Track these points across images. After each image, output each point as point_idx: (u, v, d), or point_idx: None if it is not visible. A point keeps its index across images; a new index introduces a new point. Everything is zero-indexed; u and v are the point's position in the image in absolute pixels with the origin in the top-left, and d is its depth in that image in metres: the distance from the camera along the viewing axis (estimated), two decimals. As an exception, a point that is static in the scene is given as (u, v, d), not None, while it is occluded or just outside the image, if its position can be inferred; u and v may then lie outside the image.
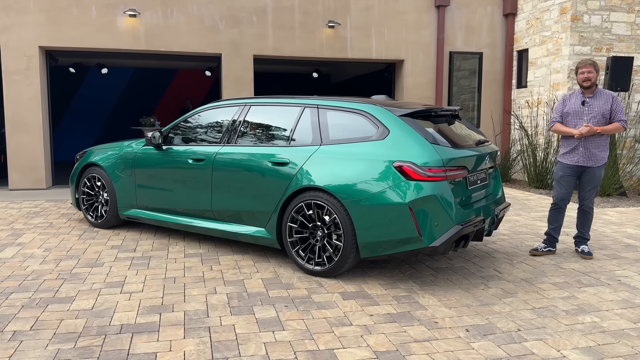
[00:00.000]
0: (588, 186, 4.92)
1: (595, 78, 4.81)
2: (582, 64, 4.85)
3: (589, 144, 4.82)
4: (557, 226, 5.06)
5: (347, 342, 3.11)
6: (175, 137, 5.41)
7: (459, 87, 10.86)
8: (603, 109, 4.78)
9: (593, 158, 4.82)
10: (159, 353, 2.95)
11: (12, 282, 4.11)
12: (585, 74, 4.80)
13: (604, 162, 4.87)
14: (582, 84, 4.84)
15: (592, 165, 4.84)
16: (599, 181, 4.92)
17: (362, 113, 4.34)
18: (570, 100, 4.96)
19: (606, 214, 7.14)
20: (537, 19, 10.05)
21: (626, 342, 3.17)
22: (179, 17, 9.32)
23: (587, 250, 5.02)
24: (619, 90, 8.47)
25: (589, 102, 4.82)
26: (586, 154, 4.83)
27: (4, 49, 8.74)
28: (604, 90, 4.86)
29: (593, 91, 4.84)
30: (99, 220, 5.97)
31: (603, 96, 4.83)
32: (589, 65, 4.80)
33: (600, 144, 4.83)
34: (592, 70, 4.78)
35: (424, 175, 3.88)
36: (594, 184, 4.91)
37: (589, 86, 4.81)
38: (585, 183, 4.93)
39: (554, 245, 5.09)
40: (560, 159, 5.03)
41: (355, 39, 10.08)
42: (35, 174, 9.07)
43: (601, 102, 4.80)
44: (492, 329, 3.34)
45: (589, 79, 4.78)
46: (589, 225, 5.05)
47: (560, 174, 5.00)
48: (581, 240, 5.10)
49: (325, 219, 4.21)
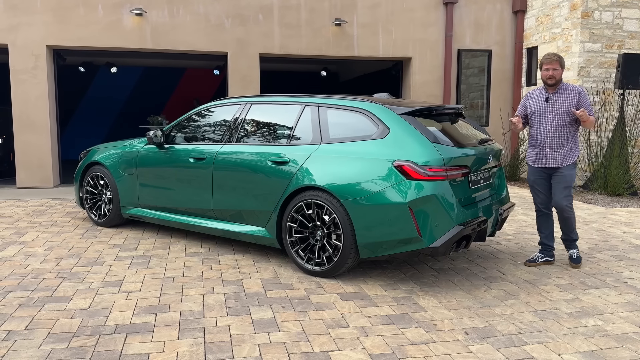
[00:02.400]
0: (559, 187, 4.52)
1: (560, 75, 4.45)
2: (546, 60, 4.46)
3: (555, 143, 4.48)
4: (549, 233, 4.71)
5: (342, 344, 3.06)
6: (176, 136, 5.40)
7: (467, 85, 10.74)
8: (569, 105, 4.44)
9: (561, 158, 4.47)
10: (151, 354, 2.92)
11: (11, 281, 4.12)
12: (550, 71, 4.44)
13: (573, 161, 4.50)
14: (546, 81, 4.49)
15: (560, 165, 4.48)
16: (571, 181, 4.52)
17: (362, 111, 4.28)
18: (533, 98, 4.63)
19: (616, 213, 7.01)
20: (547, 15, 9.91)
21: (630, 346, 3.09)
22: (185, 15, 9.32)
23: (577, 255, 4.67)
24: (630, 87, 8.33)
25: (553, 99, 4.48)
26: (553, 155, 4.49)
27: (11, 48, 8.80)
28: (569, 85, 4.51)
29: (557, 87, 4.50)
30: (102, 219, 5.97)
31: (568, 91, 4.48)
32: (554, 62, 4.43)
33: (568, 142, 4.49)
34: (558, 66, 4.43)
35: (424, 174, 3.82)
36: (566, 184, 4.50)
37: (553, 84, 4.47)
38: (555, 184, 4.54)
39: (551, 255, 4.71)
40: (528, 162, 4.72)
41: (362, 37, 10.01)
42: (43, 172, 9.12)
43: (566, 97, 4.46)
44: (492, 331, 3.27)
45: (553, 76, 4.44)
46: (573, 225, 4.63)
47: (532, 178, 4.69)
48: (569, 243, 4.73)
49: (325, 219, 4.16)
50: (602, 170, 8.51)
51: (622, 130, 8.47)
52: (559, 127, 4.48)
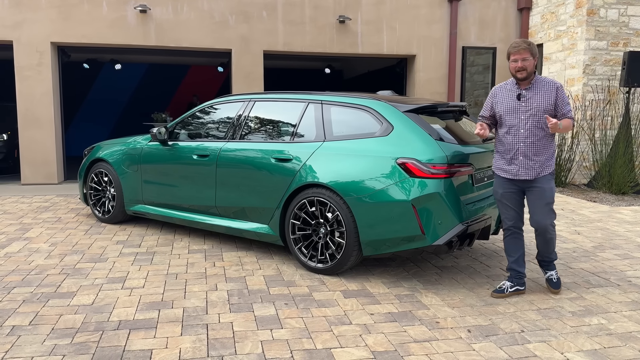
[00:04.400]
0: (539, 205, 3.74)
1: (533, 66, 3.67)
2: (514, 49, 3.68)
3: (529, 150, 3.70)
4: (519, 256, 3.89)
5: (345, 342, 3.07)
6: (180, 132, 5.40)
7: (472, 83, 10.70)
8: (545, 103, 3.66)
9: (538, 168, 3.70)
10: (154, 350, 2.93)
11: (15, 277, 4.14)
12: (519, 62, 3.65)
13: (551, 171, 3.75)
14: (515, 75, 3.71)
15: (536, 176, 3.72)
16: (552, 196, 3.75)
17: (366, 109, 4.28)
18: (501, 95, 3.81)
19: (620, 212, 6.98)
20: (552, 13, 9.86)
21: (633, 345, 3.08)
22: (189, 12, 9.32)
23: (556, 278, 3.93)
24: (636, 85, 8.28)
25: (526, 96, 3.70)
26: (528, 164, 3.71)
27: (16, 45, 8.82)
28: (544, 78, 3.73)
29: (530, 81, 3.72)
30: (106, 215, 5.99)
31: (544, 86, 3.70)
32: (524, 51, 3.65)
33: (546, 149, 3.73)
34: (528, 56, 3.64)
35: (427, 172, 3.81)
36: (547, 201, 3.73)
37: (524, 77, 3.69)
38: (533, 201, 3.76)
39: (522, 283, 3.88)
40: (496, 171, 3.90)
41: (366, 34, 9.98)
42: (47, 168, 9.15)
43: (542, 94, 3.68)
44: (495, 329, 3.27)
45: (523, 68, 3.65)
46: (554, 246, 3.90)
47: (500, 191, 3.87)
48: (547, 264, 3.97)
49: (328, 216, 4.16)
50: (607, 169, 8.47)
51: (627, 129, 8.43)
52: (534, 129, 3.69)
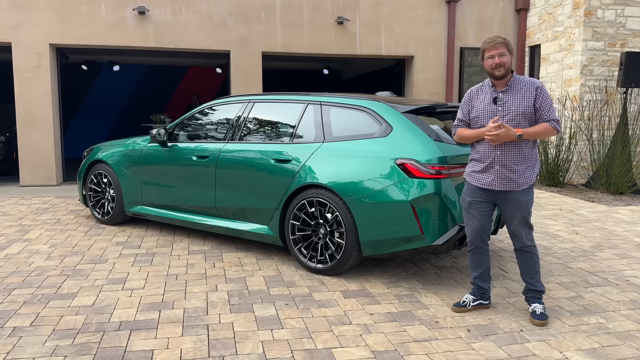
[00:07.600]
0: (513, 219, 3.36)
1: (510, 63, 3.28)
2: (488, 44, 3.30)
3: (508, 159, 3.29)
4: (484, 271, 3.55)
5: (345, 341, 3.08)
6: (179, 134, 5.42)
7: (470, 84, 10.72)
8: (524, 106, 3.26)
9: (514, 179, 3.29)
10: (155, 350, 2.94)
11: (16, 278, 4.14)
12: (495, 58, 3.26)
13: (531, 183, 3.33)
14: (492, 73, 3.30)
15: (513, 189, 3.31)
16: (529, 210, 3.35)
17: (365, 110, 4.29)
18: (477, 98, 3.43)
19: (618, 212, 7.01)
20: (549, 14, 9.89)
21: (631, 344, 3.10)
22: (188, 14, 9.33)
23: (541, 310, 3.39)
24: (633, 86, 8.33)
25: (503, 98, 3.30)
26: (504, 174, 3.30)
27: (15, 47, 8.82)
28: (523, 78, 3.34)
29: (507, 81, 3.33)
30: (105, 216, 6.00)
31: (522, 87, 3.30)
32: (500, 46, 3.27)
33: (528, 158, 3.32)
34: (505, 51, 3.27)
35: (426, 172, 3.83)
36: (522, 215, 3.33)
37: (502, 75, 3.29)
38: (508, 216, 3.38)
39: (486, 297, 3.59)
40: (467, 177, 3.49)
41: (364, 35, 10.01)
42: (46, 170, 9.15)
43: (520, 95, 3.28)
44: (494, 329, 3.28)
45: (501, 64, 3.26)
46: (538, 269, 3.44)
47: (468, 199, 3.46)
48: (533, 294, 3.48)
49: (328, 217, 4.17)
50: (605, 169, 8.51)
51: (624, 129, 8.48)
52: None
